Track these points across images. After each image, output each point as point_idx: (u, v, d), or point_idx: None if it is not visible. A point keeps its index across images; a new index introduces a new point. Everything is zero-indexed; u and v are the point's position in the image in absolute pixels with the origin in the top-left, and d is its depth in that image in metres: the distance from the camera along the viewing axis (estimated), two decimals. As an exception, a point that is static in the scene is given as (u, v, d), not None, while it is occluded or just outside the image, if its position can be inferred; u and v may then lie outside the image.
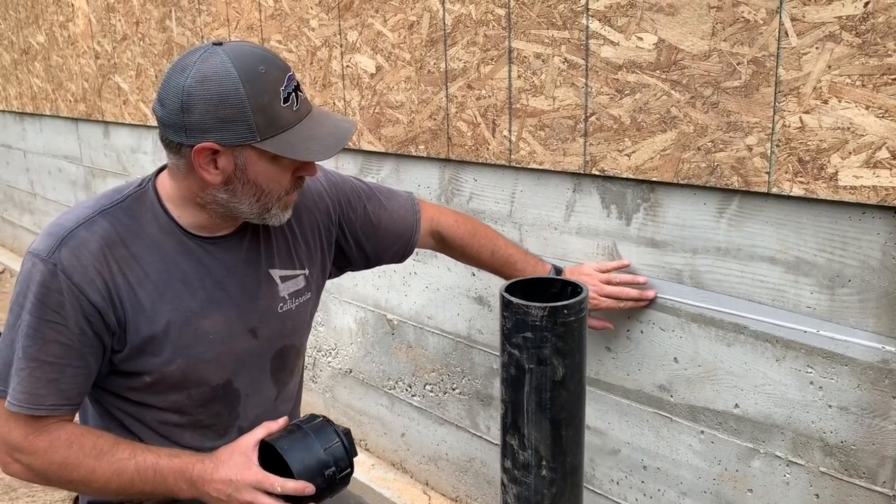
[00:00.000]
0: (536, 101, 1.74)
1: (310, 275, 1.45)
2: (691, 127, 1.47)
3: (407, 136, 2.11)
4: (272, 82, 1.16)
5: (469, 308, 2.11)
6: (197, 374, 1.31)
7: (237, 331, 1.34)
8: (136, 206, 1.28)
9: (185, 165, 1.22)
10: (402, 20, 2.03)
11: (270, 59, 1.19)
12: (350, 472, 1.28)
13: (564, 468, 1.13)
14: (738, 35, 1.38)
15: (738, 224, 1.47)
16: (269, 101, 1.15)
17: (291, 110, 1.19)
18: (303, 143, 1.19)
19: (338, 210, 1.52)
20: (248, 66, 1.15)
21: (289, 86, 1.18)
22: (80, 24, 3.67)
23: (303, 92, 1.23)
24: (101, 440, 1.25)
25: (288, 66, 1.22)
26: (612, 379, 1.77)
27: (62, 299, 1.19)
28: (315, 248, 1.48)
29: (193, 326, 1.29)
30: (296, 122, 1.19)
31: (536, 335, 1.07)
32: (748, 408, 1.53)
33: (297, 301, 1.42)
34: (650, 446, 1.72)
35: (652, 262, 1.63)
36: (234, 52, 1.16)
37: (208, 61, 1.15)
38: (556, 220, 1.81)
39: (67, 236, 1.21)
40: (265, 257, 1.38)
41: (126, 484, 1.23)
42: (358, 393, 2.60)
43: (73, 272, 1.19)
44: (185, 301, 1.28)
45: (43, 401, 1.21)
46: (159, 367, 1.28)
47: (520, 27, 1.74)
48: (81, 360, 1.22)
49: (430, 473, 2.39)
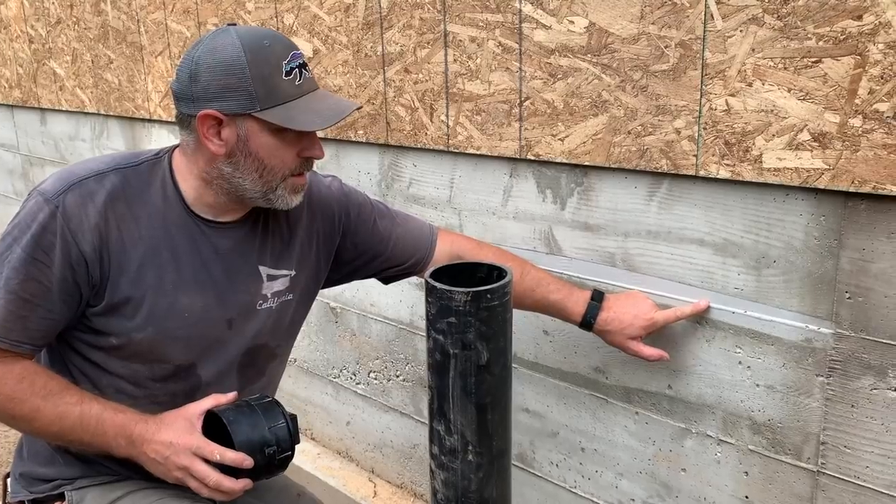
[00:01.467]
0: (472, 86, 1.73)
1: (296, 277, 1.44)
2: (622, 111, 1.48)
3: (346, 121, 2.08)
4: (275, 55, 1.21)
5: (411, 294, 2.10)
6: (164, 348, 1.31)
7: (213, 317, 1.34)
8: (149, 171, 1.31)
9: (193, 141, 1.27)
10: (339, 3, 1.99)
11: (276, 37, 1.24)
12: (290, 457, 1.27)
13: (491, 452, 1.12)
14: (666, 18, 1.38)
15: (667, 207, 1.49)
16: (270, 72, 1.20)
17: (293, 84, 1.22)
18: (301, 114, 1.22)
19: (343, 220, 1.51)
20: (254, 39, 1.21)
21: (292, 61, 1.22)
22: (13, 6, 3.55)
23: (308, 71, 1.26)
24: (52, 381, 1.25)
25: (295, 45, 1.26)
26: (550, 362, 1.77)
27: (54, 241, 1.21)
28: (310, 254, 1.47)
29: (170, 300, 1.29)
30: (297, 96, 1.22)
31: (460, 320, 1.06)
32: (680, 388, 1.55)
33: (278, 301, 1.42)
34: (588, 428, 1.74)
35: (586, 245, 1.63)
36: (244, 29, 1.24)
37: (219, 36, 1.22)
38: (494, 205, 1.80)
39: (77, 183, 1.24)
40: (258, 252, 1.38)
41: (67, 429, 1.23)
42: (303, 382, 2.57)
43: (72, 218, 1.21)
44: (168, 272, 1.29)
45: (8, 334, 1.21)
46: (129, 331, 1.28)
47: (455, 10, 1.72)
48: (55, 304, 1.23)
49: (375, 461, 2.38)
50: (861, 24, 1.16)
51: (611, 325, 1.49)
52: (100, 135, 3.22)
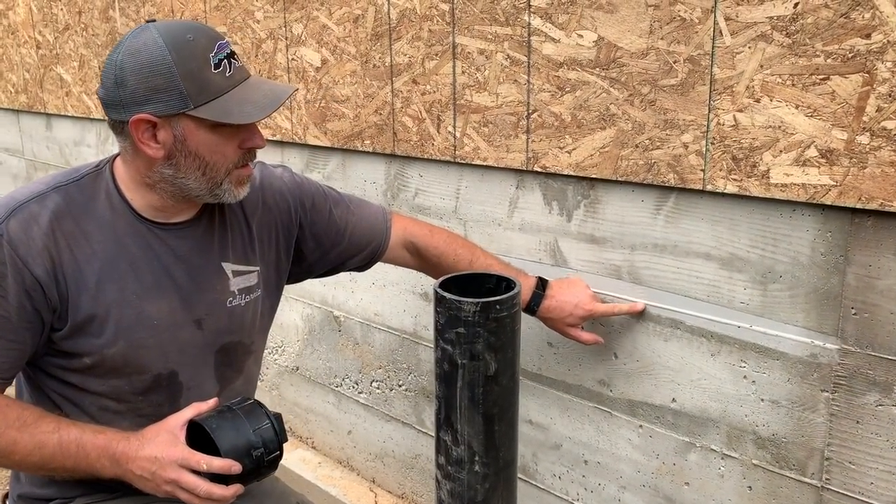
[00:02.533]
0: (480, 98, 1.74)
1: (262, 272, 1.43)
2: (629, 124, 1.49)
3: (353, 131, 2.09)
4: (201, 49, 1.17)
5: (415, 304, 2.10)
6: (138, 359, 1.30)
7: (181, 320, 1.32)
8: (91, 185, 1.28)
9: (130, 146, 1.24)
10: (348, 13, 2.01)
11: (199, 29, 1.19)
12: (279, 457, 1.26)
13: (497, 463, 1.13)
14: (675, 34, 1.39)
15: (674, 221, 1.49)
16: (198, 67, 1.16)
17: (224, 76, 1.19)
18: (237, 106, 1.18)
19: (300, 211, 1.50)
20: (176, 35, 1.16)
21: (219, 52, 1.19)
22: (21, 12, 3.57)
23: (237, 60, 1.22)
24: (27, 412, 1.23)
25: (220, 35, 1.22)
26: (554, 374, 1.78)
27: (5, 271, 1.18)
28: (270, 246, 1.46)
29: (136, 310, 1.27)
30: (229, 89, 1.19)
31: (469, 330, 1.06)
32: (685, 402, 1.55)
33: (247, 297, 1.41)
34: (591, 441, 1.74)
35: (592, 258, 1.64)
36: (164, 25, 1.20)
37: (139, 36, 1.18)
38: (499, 216, 1.81)
39: (18, 208, 1.21)
40: (219, 249, 1.36)
41: (47, 458, 1.21)
42: (305, 390, 2.57)
43: (20, 244, 1.18)
44: (129, 283, 1.27)
45: None
46: (99, 348, 1.26)
47: (464, 23, 1.73)
48: (17, 334, 1.20)
49: (376, 471, 2.38)
50: (869, 42, 1.17)
51: (552, 312, 1.56)
52: (105, 140, 3.23)
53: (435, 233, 1.63)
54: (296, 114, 2.25)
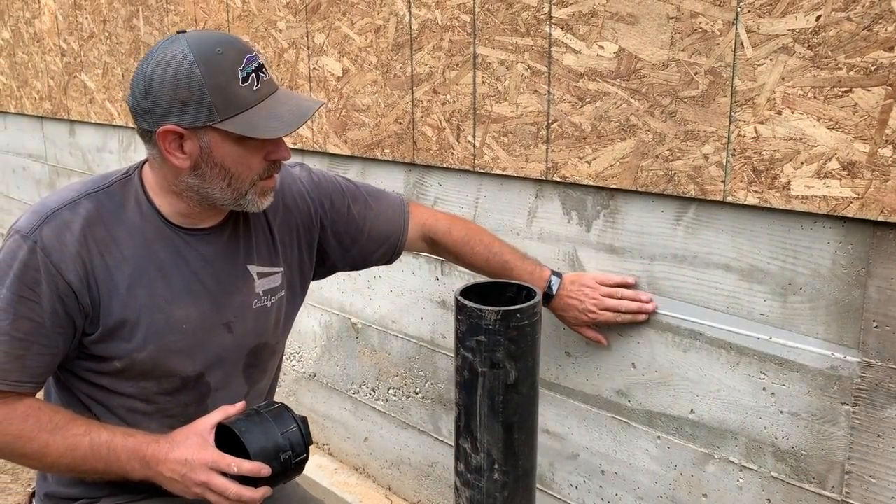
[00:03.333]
0: (500, 108, 1.75)
1: (285, 274, 1.45)
2: (650, 135, 1.49)
3: (373, 140, 2.11)
4: (229, 63, 1.17)
5: (433, 312, 2.11)
6: (168, 363, 1.31)
7: (212, 324, 1.34)
8: (121, 191, 1.30)
9: (158, 154, 1.25)
10: (369, 24, 2.03)
11: (229, 41, 1.20)
12: (305, 459, 1.28)
13: (517, 471, 1.13)
14: (696, 45, 1.40)
15: (694, 231, 1.49)
16: (226, 80, 1.17)
17: (251, 90, 1.19)
18: (263, 121, 1.19)
19: (319, 211, 1.52)
20: (205, 48, 1.17)
21: (248, 66, 1.19)
22: (47, 20, 3.63)
23: (266, 73, 1.23)
24: (58, 415, 1.25)
25: (249, 47, 1.23)
26: (572, 384, 1.78)
27: (39, 277, 1.20)
28: (292, 248, 1.47)
29: (166, 314, 1.29)
30: (256, 102, 1.20)
31: (490, 339, 1.07)
32: (703, 413, 1.55)
33: (272, 298, 1.42)
34: (608, 451, 1.74)
35: (611, 268, 1.64)
36: (193, 37, 1.20)
37: (169, 47, 1.19)
38: (518, 225, 1.82)
39: (51, 216, 1.23)
40: (244, 252, 1.38)
41: (79, 460, 1.23)
42: (322, 397, 2.59)
43: (53, 251, 1.21)
44: (159, 288, 1.29)
45: (7, 376, 1.21)
46: (130, 352, 1.28)
47: (485, 33, 1.75)
48: (49, 339, 1.22)
49: (392, 478, 2.38)
50: (892, 55, 1.17)
51: (558, 311, 1.61)
52: (127, 147, 3.27)
53: (453, 228, 1.65)
54: (317, 122, 2.27)
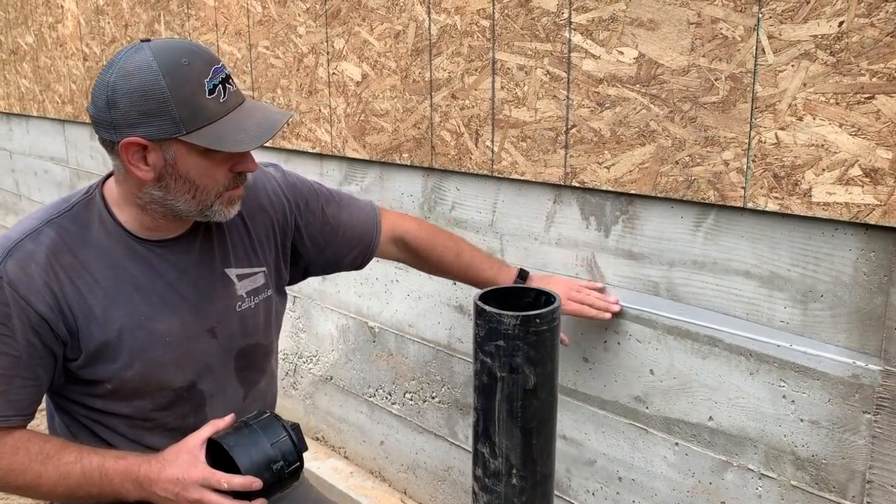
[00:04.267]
0: (519, 113, 1.75)
1: (268, 273, 1.44)
2: (669, 141, 1.49)
3: (391, 145, 2.12)
4: (195, 74, 1.14)
5: (450, 317, 2.12)
6: (157, 378, 1.31)
7: (195, 332, 1.33)
8: (83, 213, 1.27)
9: (121, 165, 1.22)
10: (389, 29, 2.04)
11: (195, 52, 1.17)
12: (299, 467, 1.28)
13: (535, 477, 1.13)
14: (717, 51, 1.39)
15: (714, 238, 1.49)
16: (192, 92, 1.14)
17: (218, 102, 1.16)
18: (230, 134, 1.16)
19: (294, 211, 1.51)
20: (171, 58, 1.13)
21: (214, 77, 1.16)
22: (69, 25, 3.67)
23: (232, 85, 1.20)
24: (48, 444, 1.25)
25: (216, 57, 1.20)
26: (589, 389, 1.77)
27: (9, 311, 1.18)
28: (269, 247, 1.46)
29: (147, 330, 1.28)
30: (223, 114, 1.17)
31: (509, 343, 1.07)
32: (722, 420, 1.54)
33: (257, 299, 1.41)
34: (626, 457, 1.73)
35: (629, 273, 1.64)
36: (158, 46, 1.16)
37: (133, 56, 1.15)
38: (536, 230, 1.82)
39: (14, 248, 1.21)
40: (220, 256, 1.37)
41: (73, 487, 1.23)
42: (338, 400, 2.59)
43: (20, 284, 1.19)
44: (137, 306, 1.27)
45: None
46: (117, 372, 1.27)
47: (504, 39, 1.75)
48: (30, 371, 1.22)
49: (408, 482, 2.38)
50: (916, 61, 1.17)
51: None
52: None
53: (421, 229, 1.68)
54: (335, 127, 2.29)
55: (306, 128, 2.40)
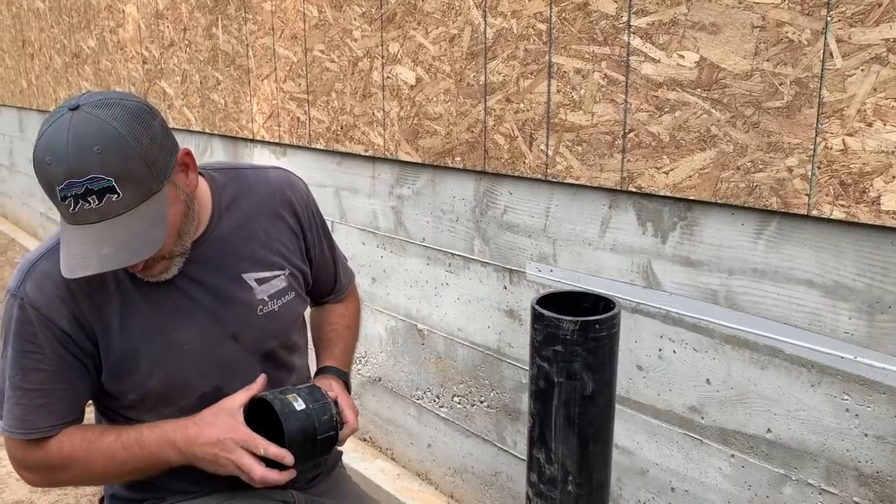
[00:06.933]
0: (575, 116, 1.74)
1: (290, 275, 1.44)
2: (731, 146, 1.46)
3: (444, 148, 2.12)
4: (51, 178, 1.11)
5: (500, 321, 2.11)
6: (180, 385, 1.33)
7: (216, 338, 1.34)
8: None
9: None
10: (444, 33, 2.04)
11: (61, 157, 1.09)
12: (335, 437, 1.31)
13: (591, 484, 1.12)
14: (782, 55, 1.36)
15: (775, 246, 1.46)
16: (48, 189, 1.13)
17: (67, 211, 1.12)
18: (63, 246, 1.15)
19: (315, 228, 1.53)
20: (44, 150, 1.11)
21: (67, 189, 1.10)
22: (130, 29, 3.77)
23: (91, 202, 1.10)
24: (89, 431, 1.29)
25: (83, 170, 1.09)
26: (643, 398, 1.75)
27: (34, 330, 1.23)
28: (294, 250, 1.47)
29: (164, 340, 1.30)
30: (70, 223, 1.14)
31: (567, 349, 1.06)
32: (781, 433, 1.50)
33: (280, 301, 1.42)
34: (679, 468, 1.70)
35: (687, 281, 1.61)
36: (55, 128, 1.12)
37: (49, 119, 1.14)
38: (590, 235, 1.80)
39: (31, 269, 1.26)
40: (234, 262, 1.37)
41: (120, 465, 1.27)
42: (386, 401, 2.60)
43: (39, 303, 1.23)
44: (150, 316, 1.29)
45: (35, 425, 1.26)
46: (140, 382, 1.30)
47: (561, 42, 1.74)
48: (66, 382, 1.27)
49: (455, 486, 2.38)
50: None
51: None
52: (203, 152, 3.37)
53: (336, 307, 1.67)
54: (388, 130, 2.30)
55: (359, 131, 2.42)
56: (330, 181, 2.64)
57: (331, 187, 2.64)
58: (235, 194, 1.40)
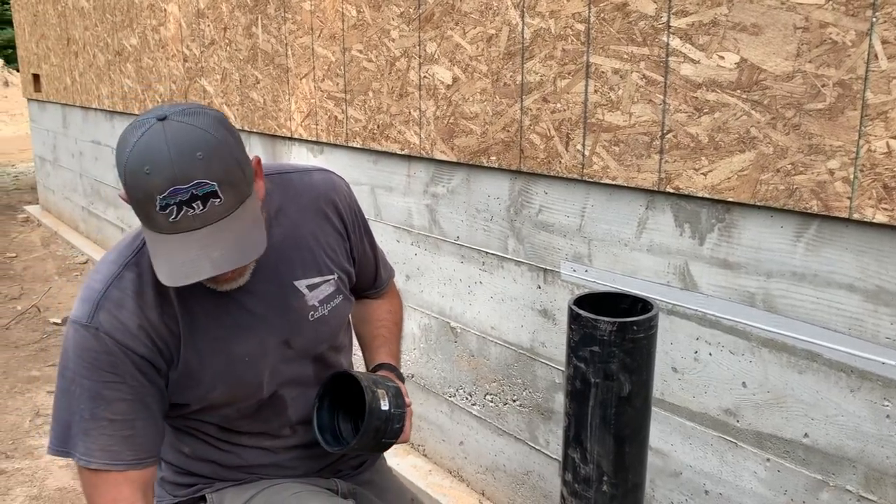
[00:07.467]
0: (612, 117, 1.74)
1: (338, 279, 1.46)
2: (771, 148, 1.45)
3: (479, 147, 2.13)
4: (151, 187, 1.09)
5: (533, 320, 2.11)
6: (240, 393, 1.36)
7: (271, 346, 1.37)
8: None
9: None
10: (482, 33, 2.05)
11: (164, 164, 1.09)
12: (392, 444, 1.39)
13: (626, 485, 1.12)
14: (825, 57, 1.35)
15: (815, 249, 1.44)
16: (144, 200, 1.11)
17: (167, 220, 1.11)
18: (159, 259, 1.14)
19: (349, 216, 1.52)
20: (139, 160, 1.10)
21: (170, 197, 1.09)
22: (172, 28, 3.83)
23: (195, 207, 1.10)
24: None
25: (188, 176, 1.09)
26: (677, 400, 1.74)
27: (113, 360, 1.23)
28: (341, 253, 1.48)
29: (226, 353, 1.32)
30: (170, 232, 1.12)
31: (604, 350, 1.07)
32: (818, 438, 1.49)
33: (329, 306, 1.43)
34: (713, 471, 1.69)
35: (724, 283, 1.60)
36: (148, 137, 1.11)
37: (133, 131, 1.13)
38: (626, 236, 1.80)
39: (102, 299, 1.24)
40: (286, 271, 1.38)
41: None
42: (418, 398, 2.62)
43: (116, 332, 1.23)
44: (213, 332, 1.31)
45: (122, 456, 1.25)
46: (203, 395, 1.32)
47: (599, 42, 1.74)
48: (147, 410, 1.27)
49: (486, 483, 2.39)
50: None
51: None
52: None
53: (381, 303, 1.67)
54: (424, 129, 2.32)
55: (396, 129, 2.44)
56: (365, 179, 2.67)
57: (366, 185, 2.66)
58: (282, 200, 1.40)
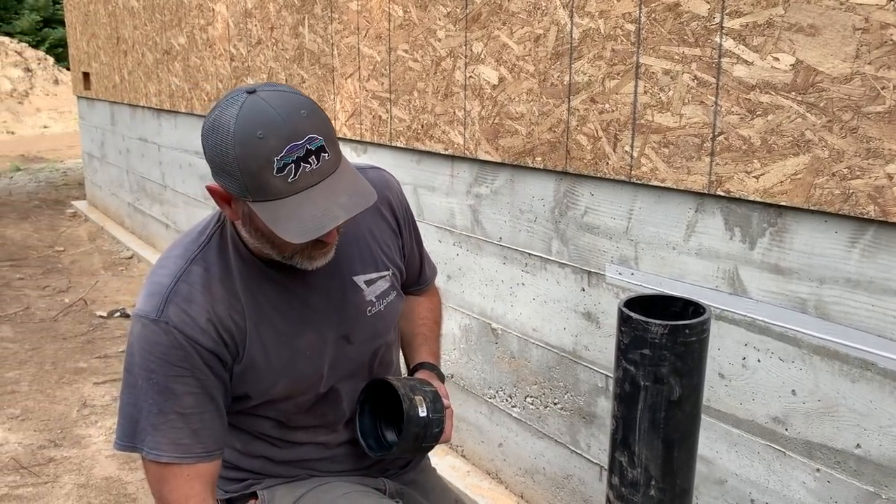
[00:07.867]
0: (662, 118, 1.72)
1: (393, 274, 1.47)
2: (826, 152, 1.42)
3: (524, 148, 2.13)
4: (267, 150, 1.10)
5: (576, 323, 2.10)
6: (300, 388, 1.37)
7: (332, 342, 1.38)
8: (220, 244, 1.31)
9: None
10: (529, 33, 2.05)
11: (276, 124, 1.11)
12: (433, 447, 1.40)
13: (674, 490, 1.11)
14: (885, 58, 1.32)
15: (871, 255, 1.41)
16: (259, 168, 1.11)
17: (285, 182, 1.12)
18: (283, 221, 1.13)
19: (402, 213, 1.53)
20: (249, 127, 1.11)
21: (287, 155, 1.11)
22: (219, 27, 3.89)
23: (311, 163, 1.12)
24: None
25: (302, 131, 1.12)
26: (724, 407, 1.71)
27: (182, 353, 1.24)
28: (394, 249, 1.50)
29: (290, 349, 1.33)
30: (288, 194, 1.13)
31: (655, 353, 1.05)
32: (871, 449, 1.45)
33: (385, 301, 1.45)
34: (760, 480, 1.66)
35: (775, 289, 1.57)
36: (248, 107, 1.13)
37: (225, 111, 1.14)
38: (675, 239, 1.78)
39: (170, 293, 1.25)
40: (346, 266, 1.40)
41: None
42: (458, 399, 2.62)
43: (185, 326, 1.24)
44: (277, 326, 1.32)
45: (191, 449, 1.26)
46: (265, 390, 1.34)
47: (649, 43, 1.72)
48: (214, 403, 1.29)
49: (525, 486, 2.38)
50: None
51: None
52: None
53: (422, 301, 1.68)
54: (469, 129, 2.32)
55: (440, 129, 2.44)
56: (409, 178, 2.68)
57: (409, 185, 2.67)
58: None
